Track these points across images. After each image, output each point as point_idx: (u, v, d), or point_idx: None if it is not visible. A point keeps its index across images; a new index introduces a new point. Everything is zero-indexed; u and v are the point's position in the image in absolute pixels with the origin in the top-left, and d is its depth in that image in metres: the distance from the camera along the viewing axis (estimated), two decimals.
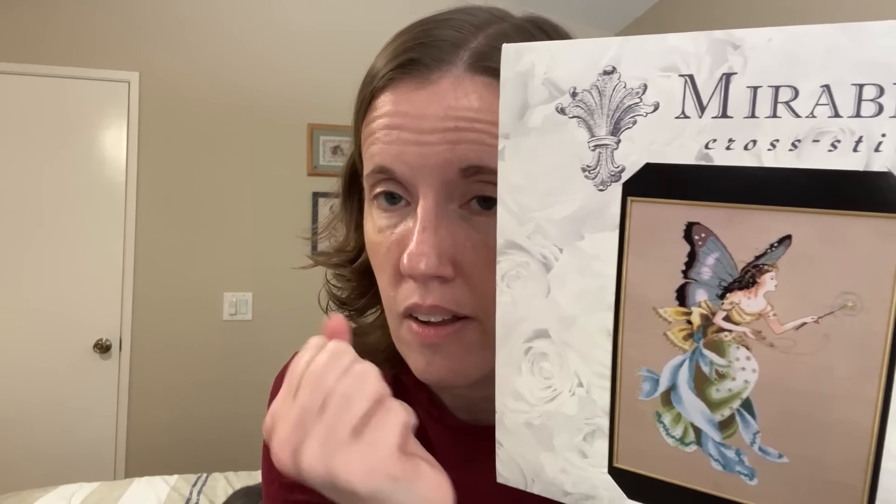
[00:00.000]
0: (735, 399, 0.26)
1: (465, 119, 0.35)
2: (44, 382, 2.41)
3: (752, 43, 0.24)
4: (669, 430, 0.28)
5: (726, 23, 2.22)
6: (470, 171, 0.35)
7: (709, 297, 0.26)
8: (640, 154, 0.26)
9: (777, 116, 0.23)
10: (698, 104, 0.25)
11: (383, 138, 0.37)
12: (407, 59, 0.37)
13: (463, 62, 0.36)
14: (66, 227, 2.42)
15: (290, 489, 0.50)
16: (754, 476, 0.26)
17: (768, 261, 0.24)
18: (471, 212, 0.37)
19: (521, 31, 0.38)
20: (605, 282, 0.28)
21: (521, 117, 0.29)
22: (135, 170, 2.48)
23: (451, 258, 0.36)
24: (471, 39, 0.37)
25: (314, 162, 2.66)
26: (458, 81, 0.36)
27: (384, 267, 0.40)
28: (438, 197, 0.36)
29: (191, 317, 2.56)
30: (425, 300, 0.37)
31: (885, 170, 0.22)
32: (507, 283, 0.31)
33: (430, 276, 0.36)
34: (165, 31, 2.52)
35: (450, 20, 0.38)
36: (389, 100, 0.37)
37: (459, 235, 0.36)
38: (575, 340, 0.29)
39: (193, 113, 2.55)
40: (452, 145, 0.35)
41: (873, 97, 0.22)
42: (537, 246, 0.30)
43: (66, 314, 2.42)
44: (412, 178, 0.36)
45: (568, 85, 0.27)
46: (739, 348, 0.25)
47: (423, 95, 0.36)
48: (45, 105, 2.40)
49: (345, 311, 0.52)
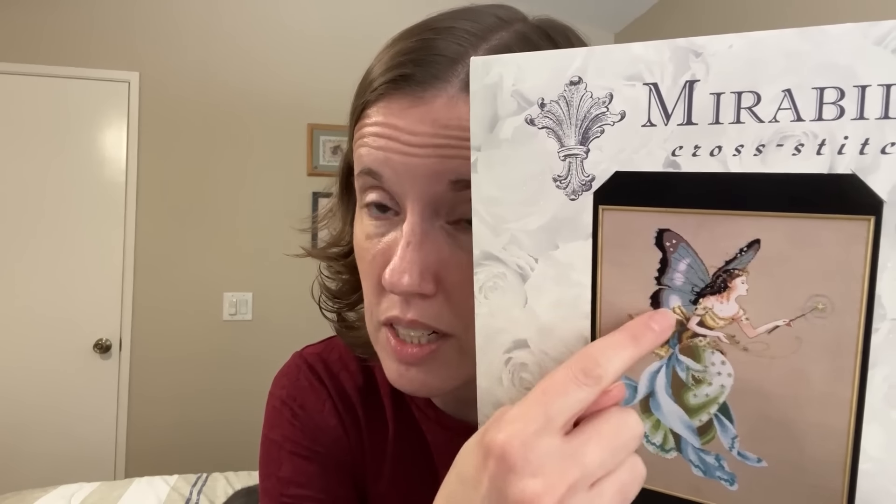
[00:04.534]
0: (712, 404, 0.26)
1: (457, 137, 0.34)
2: (44, 383, 2.41)
3: (713, 50, 0.24)
4: (650, 438, 0.28)
5: (726, 23, 2.23)
6: (460, 184, 0.35)
7: (682, 303, 0.26)
8: (609, 163, 0.26)
9: (741, 122, 0.24)
10: (663, 112, 0.25)
11: (372, 143, 0.37)
12: (400, 74, 0.36)
13: (459, 80, 0.35)
14: (65, 227, 2.42)
15: (286, 484, 0.50)
16: (734, 481, 0.26)
17: (739, 265, 0.24)
18: (458, 229, 0.37)
19: (525, 41, 0.37)
20: (580, 290, 0.28)
21: (492, 129, 0.29)
22: (135, 170, 2.48)
23: (434, 274, 0.36)
24: (470, 53, 0.36)
25: (314, 162, 2.66)
26: (452, 101, 0.35)
27: (368, 274, 0.40)
28: (425, 212, 0.36)
29: (191, 317, 2.56)
30: (405, 315, 0.37)
31: (849, 171, 0.22)
32: (484, 295, 0.31)
33: (411, 292, 0.36)
34: (165, 31, 2.52)
35: (452, 29, 0.37)
36: (381, 112, 0.37)
37: (444, 251, 0.36)
38: (553, 349, 0.29)
39: (193, 113, 2.55)
40: (442, 158, 0.35)
41: (834, 100, 0.22)
42: (513, 257, 0.30)
43: (66, 315, 2.42)
44: (399, 187, 0.36)
45: (536, 96, 0.28)
46: (714, 353, 0.25)
47: (415, 114, 0.35)
48: (45, 105, 2.40)
49: (337, 303, 0.52)
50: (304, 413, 0.53)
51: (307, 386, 0.54)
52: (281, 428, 0.53)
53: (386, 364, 0.40)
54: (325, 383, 0.54)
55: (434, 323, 0.37)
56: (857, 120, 0.22)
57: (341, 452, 0.52)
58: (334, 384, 0.54)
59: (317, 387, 0.54)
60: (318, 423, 0.52)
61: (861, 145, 0.22)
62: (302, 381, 0.54)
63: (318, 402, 0.53)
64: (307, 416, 0.52)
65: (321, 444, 0.52)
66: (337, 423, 0.53)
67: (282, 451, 0.52)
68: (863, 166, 0.22)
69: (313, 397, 0.53)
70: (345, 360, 0.55)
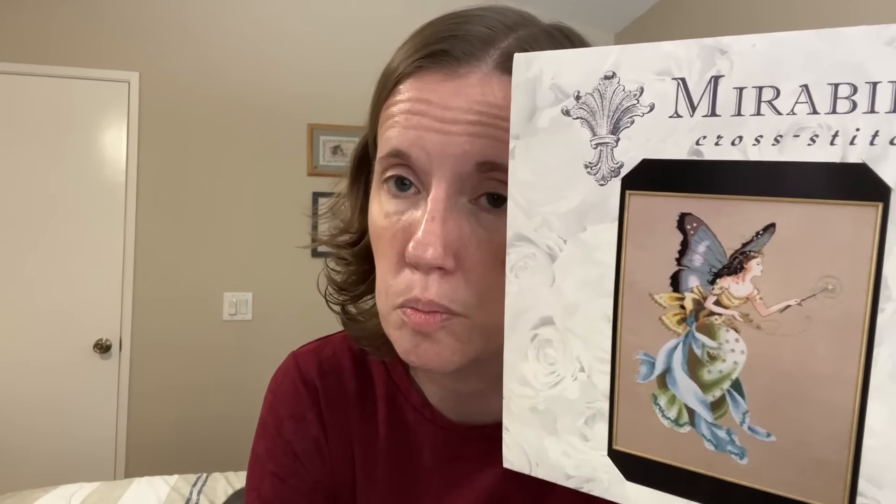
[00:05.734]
0: (725, 380, 0.27)
1: (488, 115, 0.35)
2: (44, 382, 2.44)
3: (738, 48, 0.26)
4: (665, 412, 0.29)
5: (725, 23, 2.24)
6: (486, 166, 0.36)
7: (700, 283, 0.28)
8: (637, 151, 0.29)
9: (761, 114, 0.26)
10: (690, 104, 0.27)
11: (403, 122, 0.37)
12: (438, 49, 0.37)
13: (493, 60, 0.36)
14: (66, 226, 2.46)
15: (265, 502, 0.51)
16: (745, 455, 0.27)
17: (754, 247, 0.26)
18: (479, 208, 0.38)
19: (550, 37, 0.39)
20: (605, 270, 0.30)
21: (531, 119, 0.32)
22: (135, 170, 2.52)
23: (454, 251, 0.37)
24: (502, 39, 0.37)
25: (314, 162, 2.69)
26: (486, 78, 0.36)
27: (387, 252, 0.40)
28: (450, 189, 0.37)
29: (191, 317, 2.59)
30: (424, 294, 0.37)
31: (860, 161, 0.24)
32: (515, 274, 0.33)
33: (434, 266, 0.36)
34: (165, 31, 2.56)
35: (482, 17, 0.39)
36: (414, 87, 0.38)
37: (465, 229, 0.37)
38: (577, 327, 0.31)
39: (193, 113, 2.58)
40: (473, 137, 0.35)
41: (847, 95, 0.24)
42: (544, 238, 0.32)
43: (66, 314, 2.46)
44: (427, 166, 0.37)
45: (573, 89, 0.30)
46: (729, 331, 0.27)
47: (450, 87, 0.36)
48: (45, 105, 2.44)
49: (343, 296, 0.52)
50: (287, 427, 0.53)
51: (292, 393, 0.54)
52: (265, 441, 0.54)
53: (399, 341, 0.40)
54: (316, 385, 0.54)
55: (449, 303, 0.37)
56: (869, 113, 0.24)
57: (321, 472, 0.53)
58: (325, 384, 0.54)
59: (302, 394, 0.54)
60: (300, 436, 0.53)
61: (871, 137, 0.24)
62: (287, 387, 0.55)
63: (302, 410, 0.53)
64: (289, 430, 0.53)
65: (301, 461, 0.53)
66: (319, 434, 0.53)
67: (264, 469, 0.53)
68: (872, 156, 0.24)
69: (298, 406, 0.54)
70: (339, 359, 0.55)
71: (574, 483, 0.32)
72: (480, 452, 0.49)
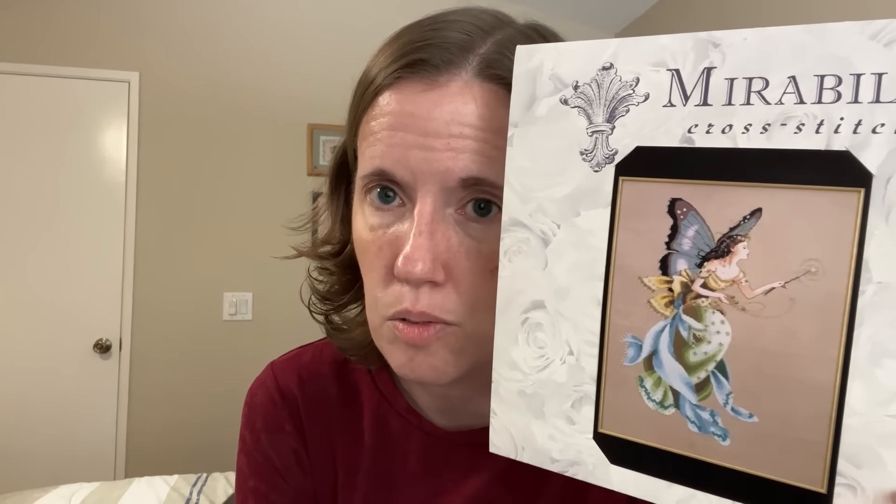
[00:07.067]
0: (710, 361, 0.28)
1: (472, 127, 0.35)
2: (44, 382, 2.42)
3: (729, 41, 0.27)
4: (650, 394, 0.30)
5: (725, 23, 2.28)
6: (470, 181, 0.36)
7: (688, 266, 0.28)
8: (631, 138, 0.30)
9: (750, 104, 0.27)
10: (683, 94, 0.28)
11: (386, 140, 0.37)
12: (416, 58, 0.36)
13: (472, 67, 0.36)
14: (66, 226, 2.45)
15: None
16: (727, 436, 0.28)
17: (741, 231, 0.27)
18: (467, 217, 0.37)
19: (526, 37, 0.39)
20: (596, 254, 0.31)
21: (530, 108, 0.33)
22: (135, 170, 2.51)
23: (443, 263, 0.36)
24: (479, 44, 0.37)
25: (314, 162, 2.68)
26: (467, 87, 0.36)
27: (374, 266, 0.39)
28: (436, 202, 0.36)
29: (191, 317, 2.57)
30: (415, 306, 0.37)
31: (844, 149, 0.25)
32: (508, 258, 0.34)
33: (424, 280, 0.36)
34: (165, 31, 2.56)
35: (458, 22, 0.38)
36: (395, 99, 0.37)
37: (454, 241, 0.37)
38: (568, 310, 0.32)
39: (193, 113, 2.58)
40: (456, 153, 0.35)
41: (833, 86, 0.25)
42: (538, 223, 0.33)
43: (67, 314, 2.45)
44: (412, 182, 0.36)
45: (571, 79, 0.31)
46: (715, 313, 0.28)
47: (431, 97, 0.36)
48: (45, 105, 2.43)
49: (327, 305, 0.51)
50: (264, 441, 0.53)
51: (269, 405, 0.53)
52: (245, 455, 0.54)
53: (393, 355, 0.40)
54: (295, 394, 0.53)
55: (441, 314, 0.37)
56: (852, 103, 0.25)
57: (302, 482, 0.53)
58: (305, 392, 0.53)
59: (279, 405, 0.53)
60: (278, 450, 0.53)
61: (855, 126, 0.25)
62: (263, 399, 0.54)
63: (280, 422, 0.53)
64: (267, 444, 0.53)
65: (282, 475, 0.52)
66: (298, 444, 0.53)
67: (246, 486, 0.53)
68: (856, 144, 0.25)
69: (275, 418, 0.53)
70: (319, 366, 0.54)
71: (559, 467, 0.33)
72: (468, 458, 0.49)
